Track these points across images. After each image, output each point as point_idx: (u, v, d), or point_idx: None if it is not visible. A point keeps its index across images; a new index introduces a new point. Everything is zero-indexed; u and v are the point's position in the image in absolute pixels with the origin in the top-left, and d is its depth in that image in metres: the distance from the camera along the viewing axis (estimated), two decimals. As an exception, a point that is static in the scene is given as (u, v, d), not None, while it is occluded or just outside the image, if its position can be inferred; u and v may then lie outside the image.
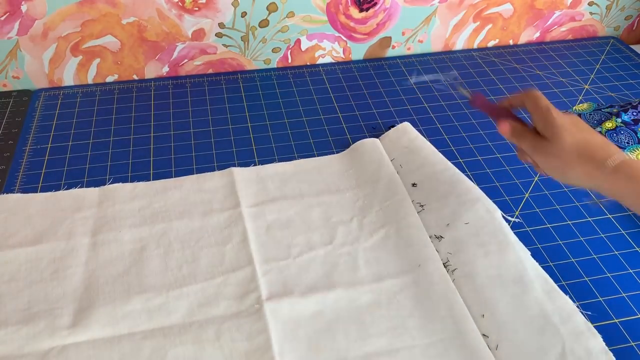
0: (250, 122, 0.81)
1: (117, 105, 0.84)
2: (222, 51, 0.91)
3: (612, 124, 0.81)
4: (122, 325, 0.54)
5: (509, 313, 0.55)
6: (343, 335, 0.54)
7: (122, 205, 0.66)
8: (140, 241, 0.62)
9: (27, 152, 0.75)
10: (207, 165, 0.73)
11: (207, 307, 0.56)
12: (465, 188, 0.67)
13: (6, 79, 0.87)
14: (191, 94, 0.87)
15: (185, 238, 0.63)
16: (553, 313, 0.55)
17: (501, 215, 0.65)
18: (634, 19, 1.07)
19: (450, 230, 0.63)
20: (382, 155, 0.73)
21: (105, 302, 0.56)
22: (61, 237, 0.62)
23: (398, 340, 0.53)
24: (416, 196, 0.68)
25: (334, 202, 0.67)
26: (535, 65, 0.97)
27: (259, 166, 0.73)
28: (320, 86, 0.90)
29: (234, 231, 0.63)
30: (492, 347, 0.53)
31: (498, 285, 0.57)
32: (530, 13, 1.00)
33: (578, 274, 0.61)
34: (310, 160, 0.74)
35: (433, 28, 0.97)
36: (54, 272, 0.59)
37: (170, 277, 0.59)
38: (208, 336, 0.53)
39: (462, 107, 0.86)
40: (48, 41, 0.84)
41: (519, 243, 0.61)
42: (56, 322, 0.54)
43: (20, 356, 0.51)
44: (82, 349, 0.52)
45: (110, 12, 0.82)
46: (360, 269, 0.60)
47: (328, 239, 0.63)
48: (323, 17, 0.91)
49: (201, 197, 0.68)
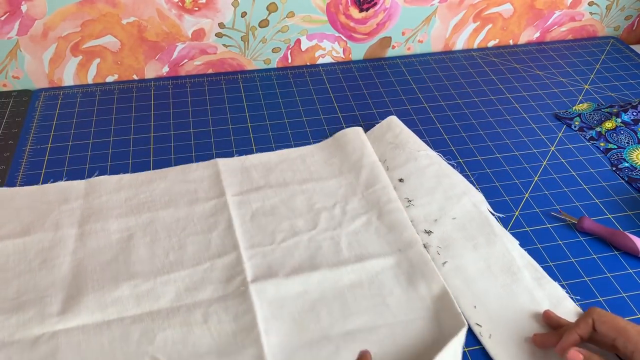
0: (250, 122, 0.81)
1: (117, 105, 0.84)
2: (222, 51, 0.91)
3: (612, 124, 0.81)
4: (111, 311, 0.55)
5: (500, 303, 0.57)
6: (326, 314, 0.56)
7: (108, 197, 0.67)
8: (127, 230, 0.63)
9: (27, 152, 0.75)
10: (207, 165, 0.73)
11: (194, 291, 0.57)
12: (451, 183, 0.69)
13: (6, 79, 0.87)
14: (191, 94, 0.87)
15: (172, 226, 0.64)
16: (543, 299, 0.57)
17: (487, 208, 0.67)
18: (634, 19, 1.07)
19: (438, 225, 0.65)
20: (365, 144, 0.75)
21: (94, 289, 0.57)
22: (48, 228, 0.63)
23: (379, 318, 0.55)
24: (403, 191, 0.69)
25: (318, 190, 0.69)
26: (535, 65, 0.97)
27: (244, 156, 0.74)
28: (320, 86, 0.90)
29: (220, 219, 0.65)
30: (485, 336, 0.54)
31: (488, 277, 0.59)
32: (530, 13, 1.00)
33: (578, 274, 0.61)
34: (293, 150, 0.75)
35: (433, 28, 0.97)
36: (43, 262, 0.60)
37: (157, 263, 0.60)
38: (196, 318, 0.55)
39: (462, 107, 0.86)
40: (48, 41, 0.84)
41: (507, 234, 0.64)
42: (46, 310, 0.55)
43: (10, 343, 0.52)
44: (72, 334, 0.53)
45: (110, 12, 0.82)
46: (343, 252, 0.62)
47: (312, 224, 0.65)
48: (323, 17, 0.91)
49: (186, 187, 0.69)
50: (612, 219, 0.67)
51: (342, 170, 0.72)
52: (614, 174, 0.74)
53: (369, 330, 0.54)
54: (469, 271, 0.60)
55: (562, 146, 0.79)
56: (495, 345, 0.53)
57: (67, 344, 0.52)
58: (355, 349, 0.52)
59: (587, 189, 0.71)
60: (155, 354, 0.52)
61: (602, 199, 0.70)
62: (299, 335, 0.54)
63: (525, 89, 0.91)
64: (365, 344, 0.53)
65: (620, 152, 0.77)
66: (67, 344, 0.52)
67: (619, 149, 0.77)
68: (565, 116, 0.84)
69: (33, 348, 0.52)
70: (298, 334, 0.54)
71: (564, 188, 0.72)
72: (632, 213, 0.68)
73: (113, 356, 0.52)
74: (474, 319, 0.55)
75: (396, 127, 0.77)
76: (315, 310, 0.56)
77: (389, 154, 0.74)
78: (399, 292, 0.58)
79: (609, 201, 0.70)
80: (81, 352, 0.52)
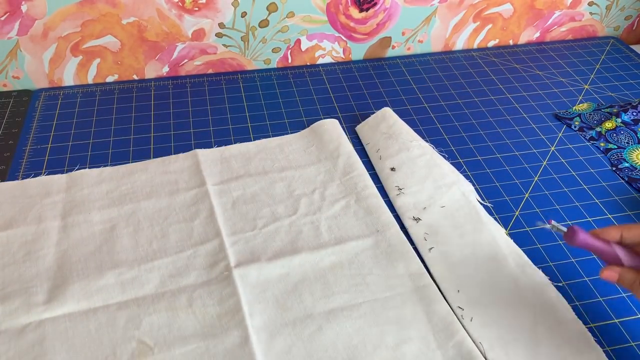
0: (250, 122, 0.81)
1: (117, 105, 0.84)
2: (222, 51, 0.91)
3: (612, 124, 0.81)
4: (96, 298, 0.56)
5: (483, 288, 0.58)
6: (309, 294, 0.57)
7: (90, 189, 0.68)
8: (110, 221, 0.64)
9: (27, 152, 0.75)
10: (207, 165, 0.73)
11: (179, 277, 0.58)
12: (442, 173, 0.70)
13: (6, 79, 0.87)
14: (191, 94, 0.87)
15: (154, 216, 0.65)
16: (526, 286, 0.58)
17: (476, 198, 0.68)
18: (634, 19, 1.07)
19: (427, 213, 0.66)
20: (341, 135, 0.76)
21: (79, 278, 0.57)
22: (31, 221, 0.64)
23: (360, 296, 0.57)
24: (394, 180, 0.70)
25: (297, 177, 0.70)
26: (535, 65, 0.97)
27: (223, 147, 0.75)
28: (320, 86, 0.90)
29: (201, 207, 0.66)
30: (467, 319, 0.55)
31: (472, 263, 0.60)
32: (530, 13, 1.00)
33: (578, 274, 0.61)
34: (272, 140, 0.77)
35: (433, 28, 0.97)
36: (26, 254, 0.60)
37: (141, 252, 0.61)
38: (181, 303, 0.56)
39: (462, 107, 0.86)
40: (48, 41, 0.84)
41: (494, 222, 0.65)
42: (31, 299, 0.55)
43: None
44: (58, 322, 0.54)
45: (110, 12, 0.82)
46: (323, 235, 0.63)
47: (292, 210, 0.66)
48: (323, 17, 0.91)
49: (167, 178, 0.70)
50: (612, 219, 0.67)
51: (320, 158, 0.73)
52: (614, 174, 0.74)
53: (350, 308, 0.56)
54: (455, 257, 0.61)
55: (562, 146, 0.79)
56: (476, 328, 0.54)
57: (54, 332, 0.53)
58: (337, 326, 0.54)
59: (587, 189, 0.71)
60: (142, 337, 0.53)
61: (602, 199, 0.70)
62: (283, 316, 0.55)
63: (525, 89, 0.91)
64: (347, 320, 0.55)
65: (620, 152, 0.77)
66: (54, 332, 0.53)
67: (619, 149, 0.78)
68: (565, 116, 0.84)
69: (20, 336, 0.52)
70: (281, 315, 0.55)
71: (564, 188, 0.72)
72: (632, 213, 0.68)
73: (100, 342, 0.52)
74: (456, 302, 0.57)
75: (390, 118, 0.78)
76: (298, 291, 0.57)
77: (382, 143, 0.75)
78: (378, 272, 0.59)
79: (609, 201, 0.70)
80: (68, 339, 0.52)
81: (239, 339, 0.52)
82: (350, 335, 0.53)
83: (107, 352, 0.52)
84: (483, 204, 0.68)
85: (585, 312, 0.57)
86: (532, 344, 0.53)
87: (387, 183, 0.70)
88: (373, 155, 0.75)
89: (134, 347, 0.52)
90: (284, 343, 0.53)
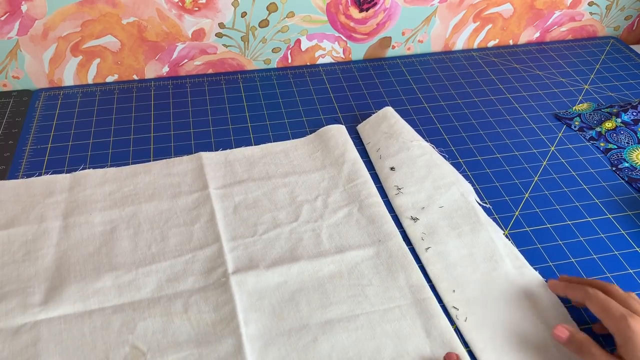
0: (250, 122, 0.81)
1: (117, 105, 0.84)
2: (222, 51, 0.91)
3: (612, 124, 0.81)
4: (92, 301, 0.56)
5: (479, 289, 0.58)
6: (306, 304, 0.56)
7: (92, 190, 0.68)
8: (111, 223, 0.64)
9: (27, 152, 0.75)
10: (207, 165, 0.73)
11: (175, 282, 0.58)
12: (441, 173, 0.70)
13: (6, 79, 0.87)
14: (191, 94, 0.87)
15: (155, 219, 0.65)
16: (522, 288, 0.58)
17: (475, 199, 0.68)
18: (634, 19, 1.07)
19: (425, 213, 0.66)
20: (347, 141, 0.76)
21: (76, 279, 0.57)
22: (33, 221, 0.64)
23: (358, 307, 0.56)
24: (394, 179, 0.70)
25: (300, 183, 0.70)
26: (535, 65, 0.97)
27: (227, 150, 0.75)
28: (320, 86, 0.90)
29: (202, 211, 0.65)
30: (462, 319, 0.55)
31: (469, 263, 0.60)
32: (530, 13, 1.00)
33: (578, 274, 0.61)
34: (277, 144, 0.76)
35: (433, 28, 0.97)
36: (26, 253, 0.60)
37: (139, 255, 0.60)
38: (176, 309, 0.55)
39: (462, 107, 0.86)
40: (48, 41, 0.84)
41: (492, 223, 0.65)
42: (28, 300, 0.55)
43: None
44: (53, 324, 0.54)
45: (110, 12, 0.82)
46: (324, 243, 0.62)
47: (293, 216, 0.65)
48: (323, 17, 0.91)
49: (170, 181, 0.69)
50: (612, 219, 0.67)
51: (324, 164, 0.73)
52: (614, 174, 0.74)
53: (348, 319, 0.55)
54: (451, 257, 0.61)
55: (562, 146, 0.79)
56: (470, 328, 0.54)
57: (48, 333, 0.53)
58: (332, 337, 0.53)
59: (587, 189, 0.72)
60: (136, 342, 0.52)
61: (602, 199, 0.70)
62: (278, 325, 0.54)
63: (525, 89, 0.91)
64: (343, 332, 0.54)
65: (620, 152, 0.77)
66: (49, 333, 0.53)
67: (619, 149, 0.78)
68: (565, 116, 0.84)
69: (15, 337, 0.52)
70: (277, 324, 0.54)
71: (564, 188, 0.72)
72: (632, 213, 0.68)
73: (94, 345, 0.52)
74: (451, 302, 0.57)
75: (391, 118, 0.78)
76: (295, 300, 0.57)
77: (383, 143, 0.75)
78: (377, 282, 0.59)
79: (609, 201, 0.70)
80: (62, 341, 0.52)
81: (232, 348, 0.52)
82: (345, 347, 0.53)
83: (100, 356, 0.51)
84: (482, 205, 0.68)
85: (583, 313, 0.57)
86: (527, 346, 0.53)
87: (387, 182, 0.70)
88: (373, 155, 0.75)
89: (127, 352, 0.52)
90: (278, 353, 0.52)
